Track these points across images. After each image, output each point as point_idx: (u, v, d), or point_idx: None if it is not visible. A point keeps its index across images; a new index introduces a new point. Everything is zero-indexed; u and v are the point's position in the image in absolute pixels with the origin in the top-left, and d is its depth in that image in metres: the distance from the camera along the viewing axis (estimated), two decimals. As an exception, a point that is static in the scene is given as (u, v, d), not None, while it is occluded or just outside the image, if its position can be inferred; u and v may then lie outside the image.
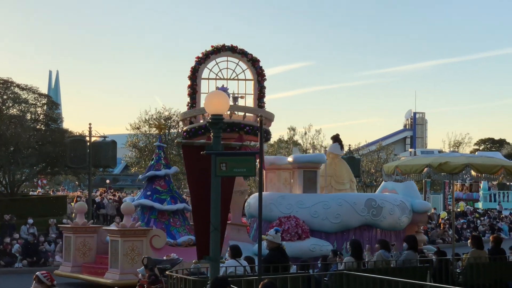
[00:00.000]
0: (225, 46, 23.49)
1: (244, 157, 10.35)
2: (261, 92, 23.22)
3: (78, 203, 25.83)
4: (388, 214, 22.31)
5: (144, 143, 41.92)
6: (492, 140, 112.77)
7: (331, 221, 21.85)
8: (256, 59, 23.42)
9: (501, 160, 18.90)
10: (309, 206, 21.97)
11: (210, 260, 10.56)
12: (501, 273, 16.54)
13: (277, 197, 22.91)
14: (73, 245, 21.59)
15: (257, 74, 23.33)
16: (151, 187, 21.28)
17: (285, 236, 20.54)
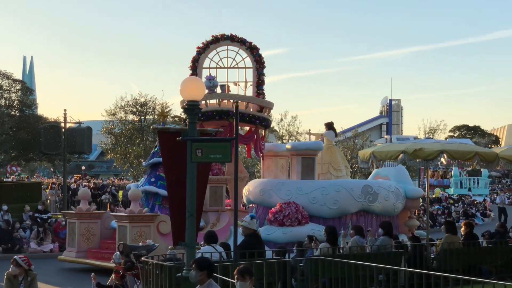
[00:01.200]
0: (224, 35, 23.56)
1: (219, 143, 10.34)
2: (259, 80, 23.20)
3: (82, 190, 25.88)
4: (384, 200, 22.68)
5: (120, 129, 41.66)
6: (467, 126, 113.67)
7: (329, 207, 22.18)
8: (254, 46, 23.37)
9: (475, 146, 19.08)
10: (308, 192, 22.26)
11: (186, 246, 10.57)
12: (475, 258, 16.72)
13: (276, 184, 23.25)
14: (78, 230, 21.83)
15: (255, 62, 23.30)
16: (155, 173, 21.52)
17: (286, 222, 20.91)
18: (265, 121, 23.02)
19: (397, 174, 24.29)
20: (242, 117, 22.15)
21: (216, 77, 23.42)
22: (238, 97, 22.78)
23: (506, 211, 39.95)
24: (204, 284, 8.16)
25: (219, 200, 22.18)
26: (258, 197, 23.35)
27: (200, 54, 23.61)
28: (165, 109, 21.51)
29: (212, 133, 11.79)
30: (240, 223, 14.10)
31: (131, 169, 43.17)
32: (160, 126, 12.15)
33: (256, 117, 22.55)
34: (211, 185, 21.12)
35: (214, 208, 21.64)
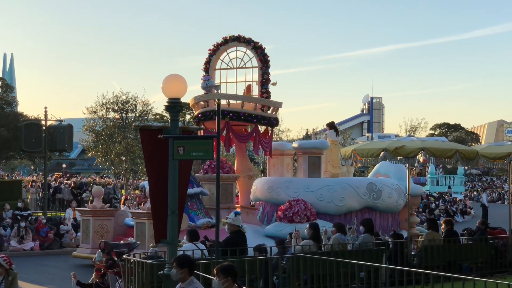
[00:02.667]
0: (232, 37, 23.86)
1: (201, 141, 10.31)
2: (263, 79, 23.32)
3: (95, 187, 26.10)
4: (387, 197, 23.27)
5: (101, 127, 41.45)
6: (448, 124, 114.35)
7: (336, 204, 22.72)
8: (259, 46, 23.51)
9: (455, 144, 19.23)
10: (315, 190, 22.82)
11: (168, 244, 10.54)
12: (455, 255, 16.84)
13: (284, 181, 23.79)
14: (92, 227, 22.25)
15: (259, 61, 23.45)
16: None
17: (295, 218, 21.32)
18: (264, 120, 22.94)
19: (397, 171, 24.96)
20: (238, 116, 22.36)
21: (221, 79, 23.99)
22: (243, 97, 23.16)
23: (485, 208, 40.41)
24: (186, 282, 8.14)
25: (229, 197, 22.67)
26: (265, 195, 23.90)
27: (211, 56, 24.14)
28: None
29: (194, 130, 11.75)
30: (225, 220, 14.15)
31: (112, 167, 42.96)
32: (142, 124, 12.09)
33: (252, 115, 22.55)
34: (222, 183, 21.49)
35: (225, 205, 21.85)
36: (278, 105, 23.54)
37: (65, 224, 28.26)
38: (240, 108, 22.68)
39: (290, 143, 27.24)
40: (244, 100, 23.03)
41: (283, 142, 30.86)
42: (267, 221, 23.37)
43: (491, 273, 17.05)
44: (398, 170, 24.97)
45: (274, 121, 23.45)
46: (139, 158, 39.78)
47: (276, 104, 23.48)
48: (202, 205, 21.67)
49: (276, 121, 23.63)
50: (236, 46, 24.05)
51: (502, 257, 17.98)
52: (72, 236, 27.50)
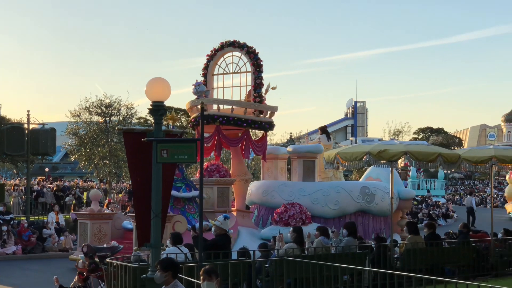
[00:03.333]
0: (228, 42, 23.94)
1: (185, 144, 10.33)
2: (255, 83, 23.31)
3: (92, 191, 26.13)
4: (380, 201, 23.57)
5: (85, 130, 41.26)
6: (431, 129, 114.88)
7: (330, 207, 23.03)
8: (252, 51, 23.51)
9: (438, 147, 19.34)
10: (310, 193, 23.11)
11: (151, 247, 10.54)
12: (437, 258, 16.92)
13: (279, 185, 24.05)
14: (90, 231, 22.20)
15: (252, 65, 23.46)
16: None
17: (291, 222, 21.50)
18: (255, 124, 22.88)
19: (389, 175, 24.71)
20: (227, 120, 22.39)
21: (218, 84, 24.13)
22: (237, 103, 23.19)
23: (474, 212, 40.66)
24: (170, 285, 8.15)
25: (225, 201, 22.73)
26: (260, 198, 24.11)
27: (209, 62, 24.22)
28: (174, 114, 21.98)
29: (177, 134, 11.76)
30: (213, 222, 14.19)
31: (95, 170, 42.76)
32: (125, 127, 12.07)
33: (242, 120, 22.52)
34: (218, 186, 22.22)
35: (222, 209, 22.01)
36: (273, 109, 23.55)
37: (48, 228, 28.11)
38: (230, 112, 22.70)
39: (284, 147, 27.58)
40: (238, 106, 23.05)
41: (277, 146, 31.01)
42: (262, 224, 23.56)
43: (473, 276, 17.14)
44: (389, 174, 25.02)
45: (267, 125, 23.36)
46: (122, 162, 39.58)
47: (271, 109, 23.49)
48: None
49: (269, 125, 23.49)
50: (232, 51, 24.11)
51: (484, 260, 18.09)
52: (55, 240, 27.37)
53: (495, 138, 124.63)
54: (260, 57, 23.48)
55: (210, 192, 22.27)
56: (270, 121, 23.42)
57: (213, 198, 22.29)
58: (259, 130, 23.68)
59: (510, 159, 18.37)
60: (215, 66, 24.30)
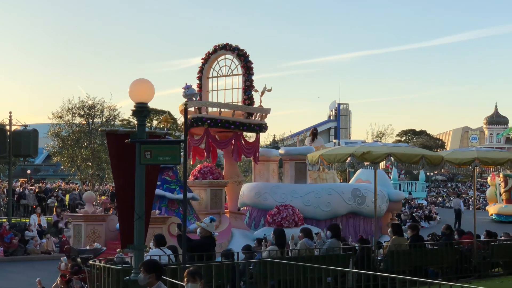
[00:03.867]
0: (221, 45, 24.12)
1: (168, 145, 10.29)
2: (245, 85, 23.42)
3: (86, 193, 26.13)
4: (371, 203, 23.23)
5: (67, 132, 41.06)
6: (414, 131, 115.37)
7: (322, 209, 23.33)
8: (242, 53, 23.65)
9: (421, 149, 19.40)
10: (302, 195, 23.38)
11: (134, 249, 10.48)
12: (421, 260, 16.96)
13: (271, 187, 24.32)
14: (84, 232, 22.18)
15: (242, 68, 23.61)
16: (160, 177, 21.85)
17: (284, 223, 21.65)
18: (243, 126, 22.94)
19: (379, 178, 25.02)
20: (215, 123, 22.48)
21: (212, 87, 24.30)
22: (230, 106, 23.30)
23: (461, 214, 40.92)
24: (153, 287, 8.11)
25: (219, 202, 22.90)
26: (253, 200, 24.33)
27: (204, 65, 24.44)
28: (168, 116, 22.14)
29: (161, 135, 11.72)
30: (199, 224, 14.16)
31: (78, 172, 42.56)
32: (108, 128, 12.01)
33: (230, 122, 22.59)
34: (212, 188, 22.39)
35: (215, 211, 22.21)
36: (265, 111, 23.64)
37: (30, 230, 27.95)
38: (218, 115, 22.81)
39: (275, 149, 27.92)
40: (229, 108, 23.13)
41: (268, 149, 31.16)
42: (255, 226, 23.80)
43: (456, 278, 17.20)
44: (379, 176, 25.18)
45: (257, 127, 23.39)
46: (105, 164, 39.43)
47: (263, 111, 23.58)
48: (193, 210, 21.89)
49: (260, 127, 23.50)
50: (224, 54, 24.29)
51: (467, 262, 18.15)
52: (37, 243, 27.21)
53: (477, 141, 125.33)
54: (250, 60, 23.60)
55: (203, 194, 22.46)
56: (261, 123, 23.47)
57: (206, 200, 22.48)
58: (249, 132, 23.66)
59: (492, 161, 18.45)
60: (210, 69, 24.50)
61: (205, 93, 24.31)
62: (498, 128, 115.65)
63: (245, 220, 24.53)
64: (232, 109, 23.08)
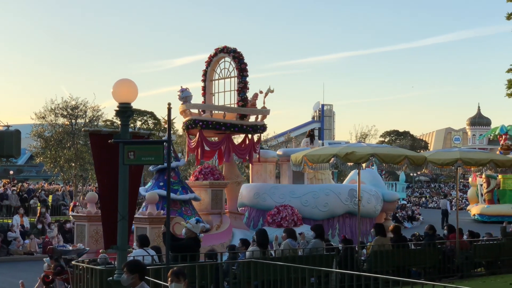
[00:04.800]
0: (220, 48, 24.42)
1: (152, 146, 10.26)
2: (238, 87, 23.67)
3: (89, 193, 26.12)
4: (367, 203, 24.17)
5: (50, 132, 40.90)
6: (397, 132, 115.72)
7: (320, 209, 23.64)
8: (237, 56, 23.86)
9: (404, 150, 19.49)
10: (300, 196, 23.74)
11: (118, 250, 10.44)
12: (404, 260, 17.02)
13: (270, 188, 24.70)
14: (87, 232, 21.93)
15: (237, 70, 23.84)
16: (162, 178, 22.22)
17: (283, 223, 22.04)
18: (235, 127, 23.15)
19: (372, 178, 26.20)
20: (206, 124, 22.74)
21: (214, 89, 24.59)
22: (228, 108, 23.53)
23: (448, 214, 41.19)
24: (136, 287, 8.09)
25: (219, 203, 23.03)
26: (252, 200, 24.63)
27: (207, 68, 24.77)
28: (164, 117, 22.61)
29: (144, 135, 11.68)
30: (185, 224, 14.15)
31: (61, 173, 42.39)
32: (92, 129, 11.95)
33: (221, 123, 22.86)
34: (212, 189, 22.57)
35: (216, 211, 22.56)
36: (264, 112, 23.94)
37: (13, 231, 27.81)
38: (210, 117, 23.03)
39: (273, 151, 28.64)
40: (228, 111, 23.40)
41: (265, 150, 31.39)
42: (253, 225, 24.09)
43: (439, 278, 17.27)
44: (373, 177, 26.21)
45: (250, 128, 23.56)
46: (88, 164, 39.34)
47: (261, 112, 23.89)
48: (195, 211, 22.10)
49: (253, 128, 23.68)
50: (224, 57, 24.57)
51: (450, 262, 18.24)
52: (20, 244, 27.08)
53: (460, 141, 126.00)
54: (244, 62, 23.83)
55: (204, 194, 22.66)
56: (255, 124, 23.71)
57: (207, 200, 22.68)
58: (241, 134, 24.03)
59: (475, 162, 18.56)
60: (213, 72, 24.85)
61: (209, 95, 24.68)
62: (481, 129, 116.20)
63: (243, 220, 24.84)
64: (231, 111, 23.39)
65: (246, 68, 23.72)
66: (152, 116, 79.40)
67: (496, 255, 18.98)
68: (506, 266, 19.05)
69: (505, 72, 25.42)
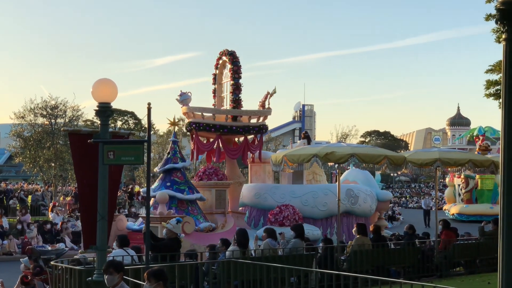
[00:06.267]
0: (222, 51, 24.99)
1: (132, 146, 10.24)
2: (231, 89, 24.20)
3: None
4: (363, 203, 24.64)
5: (29, 132, 40.64)
6: (378, 132, 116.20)
7: (319, 208, 23.91)
8: (230, 58, 24.31)
9: (384, 150, 19.58)
10: (300, 196, 23.99)
11: (97, 250, 10.42)
12: (383, 259, 17.10)
13: (271, 188, 25.11)
14: None
15: (230, 71, 24.31)
16: (169, 178, 22.62)
17: (285, 222, 22.28)
18: (224, 129, 23.59)
19: (365, 179, 26.69)
20: (198, 126, 23.37)
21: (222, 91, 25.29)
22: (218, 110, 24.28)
23: (430, 213, 41.44)
24: (117, 287, 8.08)
25: (222, 203, 23.44)
26: (252, 200, 24.94)
27: (216, 71, 25.42)
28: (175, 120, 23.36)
29: (124, 135, 11.65)
30: (165, 225, 14.13)
31: (40, 173, 42.15)
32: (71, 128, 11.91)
33: (210, 125, 23.39)
34: (216, 189, 23.07)
35: (219, 210, 23.10)
36: (266, 113, 24.44)
37: (-8, 231, 27.65)
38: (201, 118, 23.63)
39: (272, 152, 29.27)
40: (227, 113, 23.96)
41: (264, 151, 31.64)
42: (254, 225, 24.45)
43: (418, 277, 17.37)
44: (366, 178, 26.65)
45: (240, 129, 23.93)
46: (68, 164, 39.12)
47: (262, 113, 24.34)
48: (201, 210, 22.55)
49: (244, 129, 24.02)
50: (226, 60, 24.95)
51: (429, 261, 18.34)
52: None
53: (440, 142, 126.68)
54: (238, 64, 24.32)
55: (208, 194, 23.06)
56: (247, 125, 24.10)
57: (211, 200, 23.07)
58: (232, 135, 24.37)
59: (454, 162, 18.68)
60: (221, 75, 25.37)
61: (219, 98, 25.32)
62: (460, 129, 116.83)
63: (244, 218, 25.23)
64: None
65: (238, 70, 24.19)
66: (132, 116, 79.22)
67: (474, 255, 19.11)
68: (485, 265, 19.17)
69: (484, 73, 25.58)
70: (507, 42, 5.42)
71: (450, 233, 19.55)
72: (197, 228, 21.20)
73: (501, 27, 5.47)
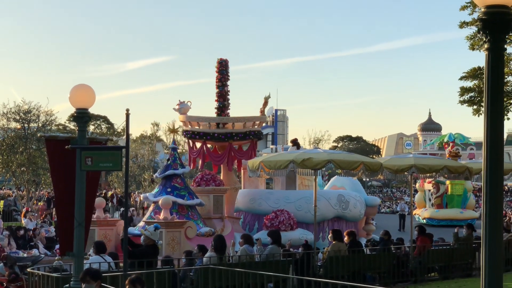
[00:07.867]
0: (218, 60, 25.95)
1: (110, 152, 10.18)
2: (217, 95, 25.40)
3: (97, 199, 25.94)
4: (353, 208, 25.09)
5: (2, 137, 40.27)
6: (350, 137, 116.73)
7: (312, 213, 24.00)
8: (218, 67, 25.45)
9: (361, 156, 19.71)
10: (294, 201, 24.49)
11: (74, 256, 10.34)
12: (359, 265, 17.18)
13: (265, 193, 25.81)
14: (96, 237, 22.30)
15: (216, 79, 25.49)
16: (170, 184, 23.35)
17: (281, 227, 22.60)
18: (207, 136, 24.56)
19: (352, 184, 27.10)
20: (187, 134, 24.63)
21: None
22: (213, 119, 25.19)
23: (405, 217, 41.81)
24: (94, 295, 8.05)
25: (220, 208, 23.88)
26: (247, 205, 25.30)
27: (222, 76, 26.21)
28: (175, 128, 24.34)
29: (102, 141, 11.59)
30: (143, 231, 14.04)
31: (13, 178, 41.76)
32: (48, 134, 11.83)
33: (195, 133, 24.47)
34: (214, 195, 23.59)
35: (217, 215, 23.61)
36: (261, 119, 25.77)
37: (-36, 237, 27.27)
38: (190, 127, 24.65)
39: None
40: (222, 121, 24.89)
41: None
42: (249, 229, 24.75)
43: (393, 283, 17.49)
44: (353, 183, 27.05)
45: (222, 136, 24.71)
46: (41, 169, 38.81)
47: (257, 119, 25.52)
48: (200, 215, 23.06)
49: (227, 136, 24.74)
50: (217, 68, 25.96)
51: (404, 267, 18.45)
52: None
53: (412, 147, 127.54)
54: (224, 71, 25.56)
55: (206, 199, 23.49)
56: (230, 132, 24.86)
57: (209, 205, 23.54)
58: (215, 142, 25.17)
59: (429, 168, 18.86)
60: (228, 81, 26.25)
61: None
62: (431, 135, 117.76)
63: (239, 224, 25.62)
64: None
65: (222, 79, 25.44)
66: (105, 120, 78.87)
67: (448, 260, 19.27)
68: (459, 270, 19.37)
69: (458, 80, 25.78)
70: (489, 51, 5.47)
71: (425, 239, 19.65)
72: (198, 233, 21.68)
73: (483, 37, 5.51)
